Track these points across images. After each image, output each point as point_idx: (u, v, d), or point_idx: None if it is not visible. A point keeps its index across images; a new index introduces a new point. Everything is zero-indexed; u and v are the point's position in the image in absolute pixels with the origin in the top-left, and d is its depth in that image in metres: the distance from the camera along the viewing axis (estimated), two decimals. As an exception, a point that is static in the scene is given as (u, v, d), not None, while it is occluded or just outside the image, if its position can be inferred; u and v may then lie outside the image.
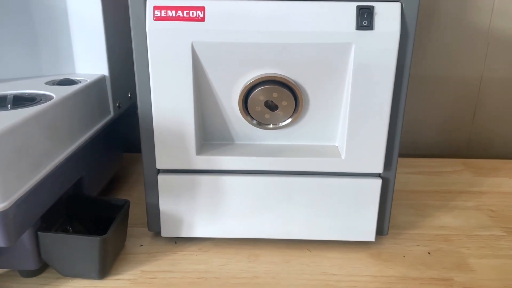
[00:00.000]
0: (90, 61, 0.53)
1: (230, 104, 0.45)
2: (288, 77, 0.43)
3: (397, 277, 0.44)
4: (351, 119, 0.43)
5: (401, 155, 0.46)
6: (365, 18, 0.40)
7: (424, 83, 0.75)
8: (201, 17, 0.40)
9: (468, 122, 0.77)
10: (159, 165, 0.46)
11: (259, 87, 0.43)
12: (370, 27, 0.40)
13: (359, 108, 0.43)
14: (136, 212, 0.55)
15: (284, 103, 0.44)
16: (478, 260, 0.47)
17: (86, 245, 0.41)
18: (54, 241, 0.41)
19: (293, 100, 0.44)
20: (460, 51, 0.73)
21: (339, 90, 0.43)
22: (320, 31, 0.40)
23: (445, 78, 0.75)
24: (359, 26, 0.40)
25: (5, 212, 0.35)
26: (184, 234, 0.48)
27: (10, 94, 0.43)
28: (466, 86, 0.75)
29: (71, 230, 0.46)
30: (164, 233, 0.48)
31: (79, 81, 0.50)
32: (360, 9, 0.40)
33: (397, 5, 0.40)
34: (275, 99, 0.43)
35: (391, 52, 0.41)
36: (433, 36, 0.72)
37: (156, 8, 0.40)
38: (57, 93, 0.45)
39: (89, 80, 0.50)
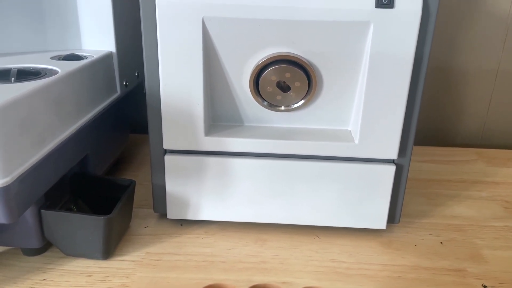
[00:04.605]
0: (97, 37, 0.51)
1: (241, 84, 0.43)
2: (302, 57, 0.41)
3: (408, 266, 0.43)
4: (366, 102, 0.42)
5: (414, 143, 0.44)
6: (385, -4, 0.38)
7: (439, 72, 0.73)
8: (213, -9, 0.38)
9: (483, 112, 0.75)
10: (166, 145, 0.44)
11: (271, 67, 0.41)
12: (390, 5, 0.38)
13: (375, 91, 0.41)
14: (141, 193, 0.54)
15: (297, 84, 0.42)
16: (492, 252, 0.46)
17: (91, 225, 0.40)
18: (57, 219, 0.40)
19: (307, 81, 0.42)
20: (477, 39, 0.70)
21: (355, 72, 0.42)
22: (337, 8, 0.38)
23: (460, 67, 0.72)
24: (379, 4, 0.38)
25: (7, 187, 0.34)
26: (190, 216, 0.47)
27: (15, 68, 0.42)
28: (482, 76, 0.73)
29: (75, 209, 0.45)
30: (170, 215, 0.47)
31: (85, 57, 0.48)
32: (380, -14, 0.38)
33: (420, -17, 0.38)
34: (288, 79, 0.42)
35: (411, 33, 0.39)
36: (449, 23, 0.70)
37: (166, -20, 0.39)
38: (62, 68, 0.43)
39: (95, 56, 0.49)
